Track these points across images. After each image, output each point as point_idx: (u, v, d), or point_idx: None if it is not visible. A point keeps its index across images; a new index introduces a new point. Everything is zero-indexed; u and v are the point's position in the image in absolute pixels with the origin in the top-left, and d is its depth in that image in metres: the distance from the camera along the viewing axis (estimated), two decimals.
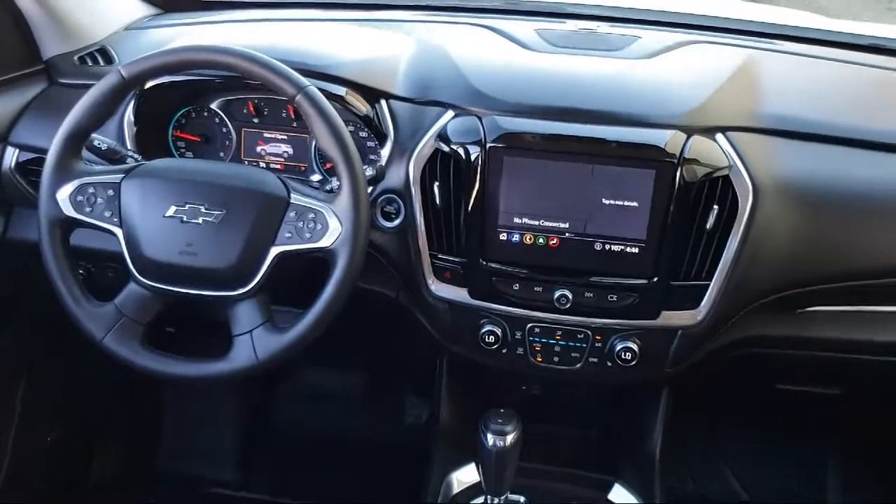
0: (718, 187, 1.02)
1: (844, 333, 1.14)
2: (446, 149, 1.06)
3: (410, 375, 1.79)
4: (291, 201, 0.99)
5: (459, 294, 1.11)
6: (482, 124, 1.04)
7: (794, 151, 1.10)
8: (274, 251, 0.99)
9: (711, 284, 1.05)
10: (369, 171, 1.04)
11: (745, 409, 1.64)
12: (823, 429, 1.80)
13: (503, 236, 1.07)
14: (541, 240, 1.06)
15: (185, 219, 0.98)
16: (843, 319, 1.14)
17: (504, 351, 1.13)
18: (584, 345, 1.11)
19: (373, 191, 1.10)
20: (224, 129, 1.23)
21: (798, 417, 1.70)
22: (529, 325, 1.11)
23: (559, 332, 1.11)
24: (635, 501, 1.17)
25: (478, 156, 1.04)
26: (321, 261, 0.99)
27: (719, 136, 1.04)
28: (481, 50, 1.19)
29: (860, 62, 1.28)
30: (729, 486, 1.80)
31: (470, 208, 1.06)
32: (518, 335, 1.12)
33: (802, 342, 1.15)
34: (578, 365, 1.12)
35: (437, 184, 1.06)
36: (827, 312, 1.14)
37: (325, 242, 0.97)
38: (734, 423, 1.81)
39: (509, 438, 1.03)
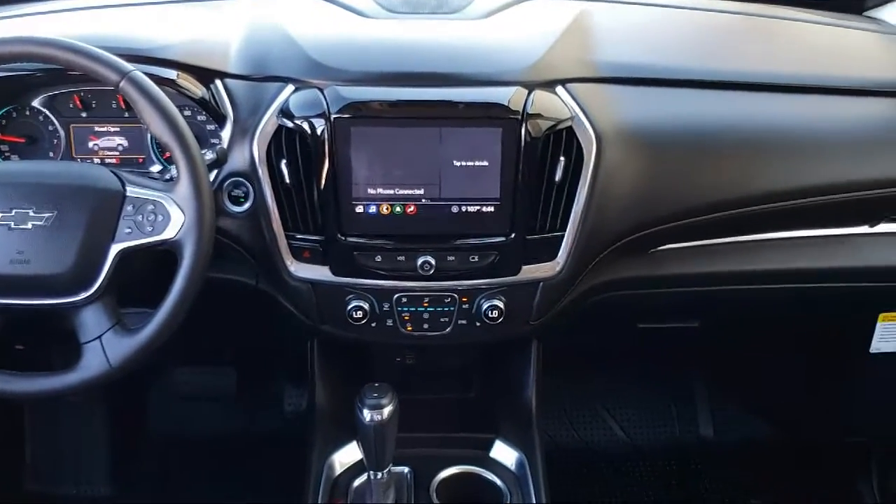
0: (563, 139, 1.04)
1: (692, 268, 1.20)
2: (290, 124, 1.02)
3: (284, 363, 1.75)
4: (127, 194, 0.94)
5: (321, 273, 1.09)
6: (324, 96, 1.01)
7: (632, 97, 1.13)
8: (114, 249, 0.93)
9: (566, 235, 1.07)
10: (209, 155, 1.00)
11: (613, 351, 1.70)
12: (689, 362, 1.90)
13: (359, 209, 1.05)
14: (398, 208, 1.05)
15: (12, 225, 0.92)
16: (689, 255, 1.20)
17: (374, 325, 1.12)
18: (452, 308, 1.11)
19: (216, 175, 1.06)
20: (50, 128, 1.15)
21: (663, 353, 1.78)
22: (396, 296, 1.10)
23: (426, 299, 1.11)
24: (516, 454, 1.19)
25: (323, 129, 1.01)
26: (169, 254, 0.94)
27: (560, 89, 1.06)
28: (317, 21, 1.16)
29: (690, 6, 1.33)
30: (608, 429, 1.87)
31: (322, 184, 1.03)
32: (386, 307, 1.11)
33: (657, 281, 1.20)
34: (448, 329, 1.13)
35: (284, 161, 1.03)
36: (675, 250, 1.19)
37: (168, 234, 0.93)
38: (605, 367, 1.88)
39: (386, 412, 1.02)
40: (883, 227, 1.22)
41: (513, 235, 1.06)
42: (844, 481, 1.71)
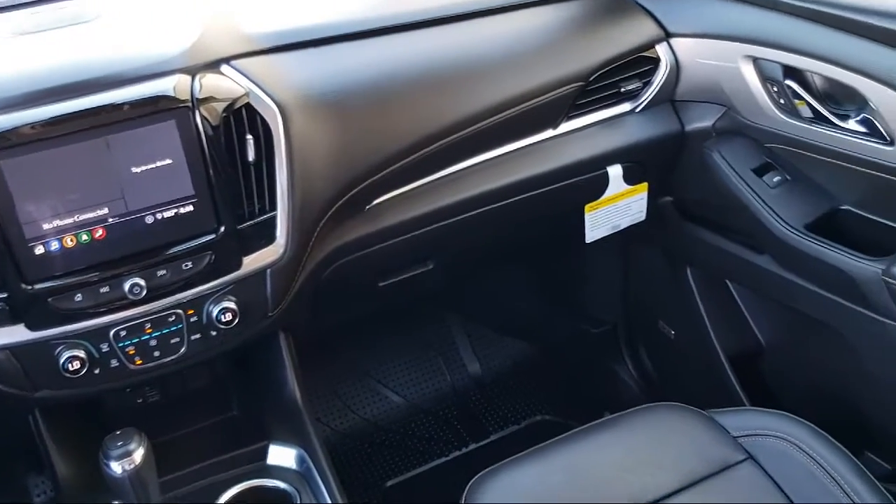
0: (245, 118, 0.98)
1: (410, 212, 1.20)
2: None
3: (14, 453, 1.53)
4: None
5: (16, 333, 0.94)
6: None
7: (304, 62, 1.10)
8: None
9: (278, 214, 1.02)
10: None
11: (365, 320, 1.69)
12: (438, 306, 1.95)
13: (39, 250, 0.92)
14: (84, 236, 0.93)
15: None
16: (404, 200, 1.20)
17: (97, 371, 1.00)
18: (180, 325, 1.02)
19: None
20: None
21: (412, 306, 1.81)
22: (114, 332, 0.99)
23: (148, 325, 1.00)
24: (294, 452, 1.13)
25: None
26: None
27: (225, 68, 1.00)
28: None
29: None
30: (384, 399, 1.86)
31: None
32: (105, 347, 0.99)
33: (380, 234, 1.19)
34: (183, 349, 1.04)
35: None
36: (390, 200, 1.19)
37: None
38: (364, 338, 1.87)
39: (137, 456, 0.91)
40: (564, 127, 1.30)
41: (222, 229, 0.99)
42: (603, 367, 1.84)
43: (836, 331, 1.23)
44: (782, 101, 1.21)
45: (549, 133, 1.30)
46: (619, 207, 1.41)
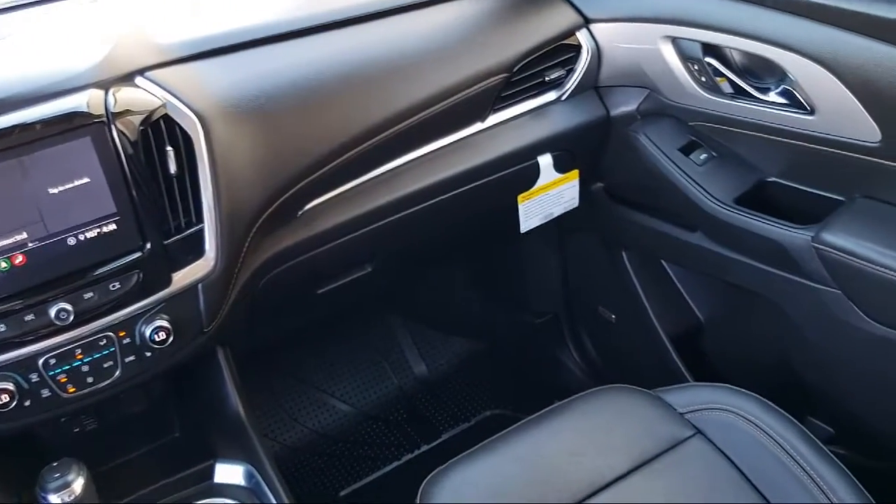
0: (164, 130, 0.95)
1: (344, 215, 1.18)
2: None
3: None
4: None
5: None
6: None
7: (221, 69, 1.08)
8: None
9: (205, 227, 0.99)
10: None
11: (306, 330, 1.66)
12: (380, 309, 1.93)
13: None
14: (3, 263, 0.89)
15: None
16: (337, 204, 1.18)
17: (27, 403, 0.95)
18: (113, 348, 0.98)
19: None
20: None
21: (354, 311, 1.78)
22: (42, 360, 0.95)
23: (78, 351, 0.96)
24: (242, 468, 1.10)
25: None
26: None
27: (140, 80, 0.97)
28: None
29: None
30: (332, 409, 1.84)
31: None
32: (35, 377, 0.95)
33: (314, 240, 1.17)
34: (118, 373, 1.00)
35: None
36: (322, 204, 1.17)
37: None
38: (306, 349, 1.84)
39: (77, 487, 0.88)
40: (491, 120, 1.30)
41: (148, 246, 0.96)
42: (548, 356, 1.85)
43: (772, 301, 1.25)
44: (703, 78, 1.23)
45: (478, 126, 1.29)
46: (551, 196, 1.41)
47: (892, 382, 1.16)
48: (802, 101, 1.11)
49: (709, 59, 1.20)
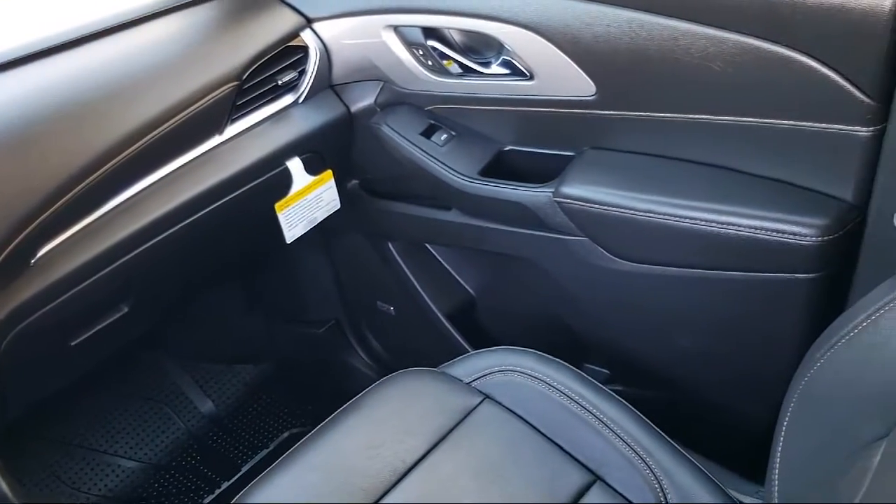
0: None
1: (84, 255, 1.08)
2: None
3: None
4: None
5: None
6: None
7: None
8: None
9: None
10: None
11: (68, 389, 1.52)
12: (150, 351, 1.81)
13: None
14: None
15: None
16: (75, 244, 1.08)
17: None
18: None
19: None
20: None
21: (122, 356, 1.66)
22: None
23: None
24: None
25: None
26: None
27: None
28: None
29: None
30: (114, 467, 1.70)
31: None
32: None
33: (56, 287, 1.06)
34: None
35: None
36: (57, 247, 1.06)
37: None
38: (74, 406, 1.69)
39: None
40: (230, 131, 1.25)
41: None
42: (337, 363, 1.83)
43: (530, 260, 1.32)
44: (430, 62, 1.27)
45: (217, 139, 1.25)
46: (310, 201, 1.40)
47: (646, 314, 1.26)
48: (521, 68, 1.18)
49: (431, 43, 1.24)
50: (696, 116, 1.08)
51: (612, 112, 1.14)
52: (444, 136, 1.34)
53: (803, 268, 1.05)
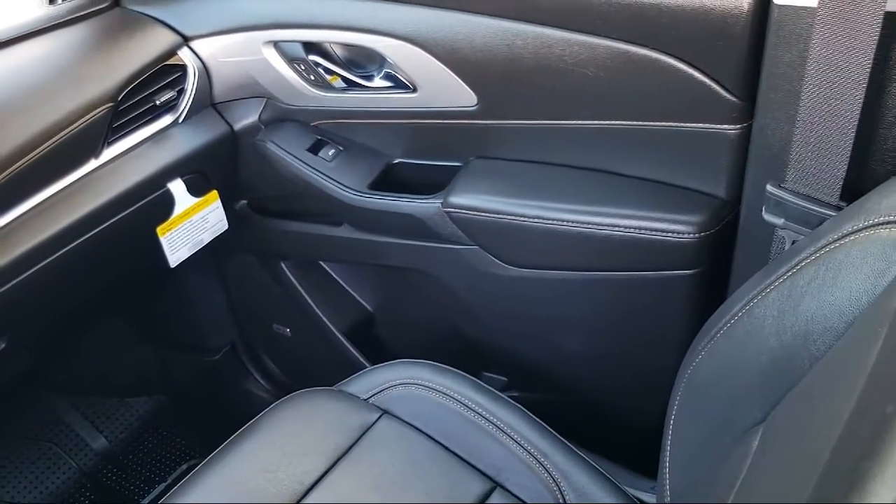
0: None
1: None
2: None
3: None
4: None
5: None
6: None
7: None
8: None
9: None
10: None
11: None
12: (36, 389, 1.72)
13: None
14: None
15: None
16: None
17: None
18: None
19: None
20: None
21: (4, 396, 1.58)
22: None
23: None
24: None
25: None
26: None
27: None
28: None
29: None
30: None
31: None
32: None
33: None
34: None
35: None
36: None
37: None
38: None
39: None
40: (107, 154, 1.21)
41: None
42: (234, 389, 1.79)
43: (423, 272, 1.32)
44: (313, 77, 1.25)
45: (94, 164, 1.20)
46: (194, 223, 1.36)
47: (538, 319, 1.28)
48: (404, 80, 1.18)
49: (312, 57, 1.23)
50: (575, 122, 1.10)
51: (494, 121, 1.16)
52: (332, 151, 1.33)
53: (683, 264, 1.08)
